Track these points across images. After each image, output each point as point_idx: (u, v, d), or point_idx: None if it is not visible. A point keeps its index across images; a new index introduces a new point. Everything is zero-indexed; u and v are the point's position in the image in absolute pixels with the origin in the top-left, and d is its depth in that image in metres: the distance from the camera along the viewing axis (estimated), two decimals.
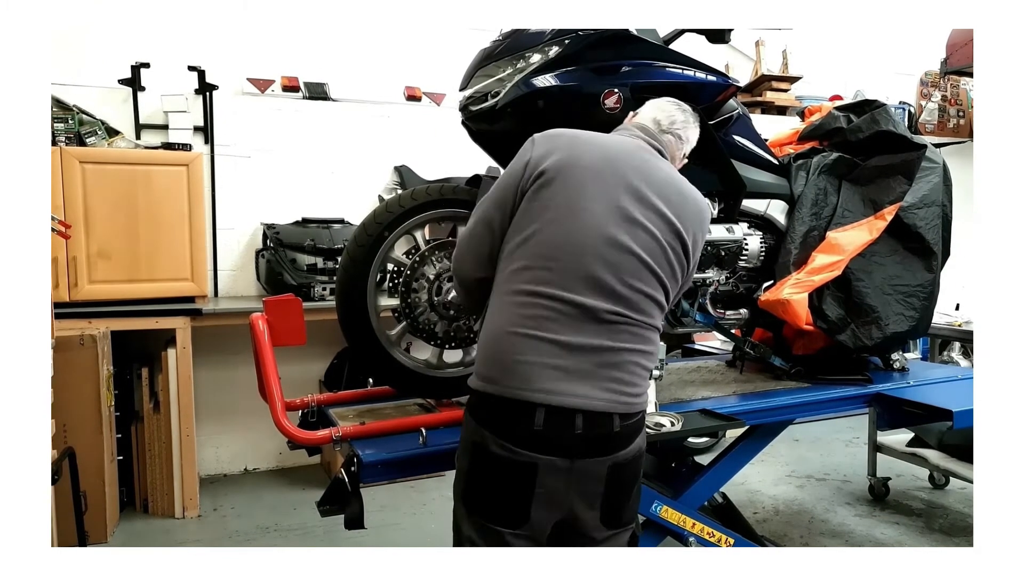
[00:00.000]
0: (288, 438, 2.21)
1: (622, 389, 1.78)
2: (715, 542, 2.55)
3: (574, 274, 1.75)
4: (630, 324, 1.79)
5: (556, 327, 1.74)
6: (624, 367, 1.78)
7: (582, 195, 1.79)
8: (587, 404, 1.73)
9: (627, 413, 1.80)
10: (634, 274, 1.78)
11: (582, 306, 1.74)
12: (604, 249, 1.76)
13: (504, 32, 2.47)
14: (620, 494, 1.85)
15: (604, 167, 1.83)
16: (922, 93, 6.59)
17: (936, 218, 2.83)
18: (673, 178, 1.92)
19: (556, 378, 1.72)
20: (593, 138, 1.91)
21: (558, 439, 1.73)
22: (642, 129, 2.01)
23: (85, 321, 3.62)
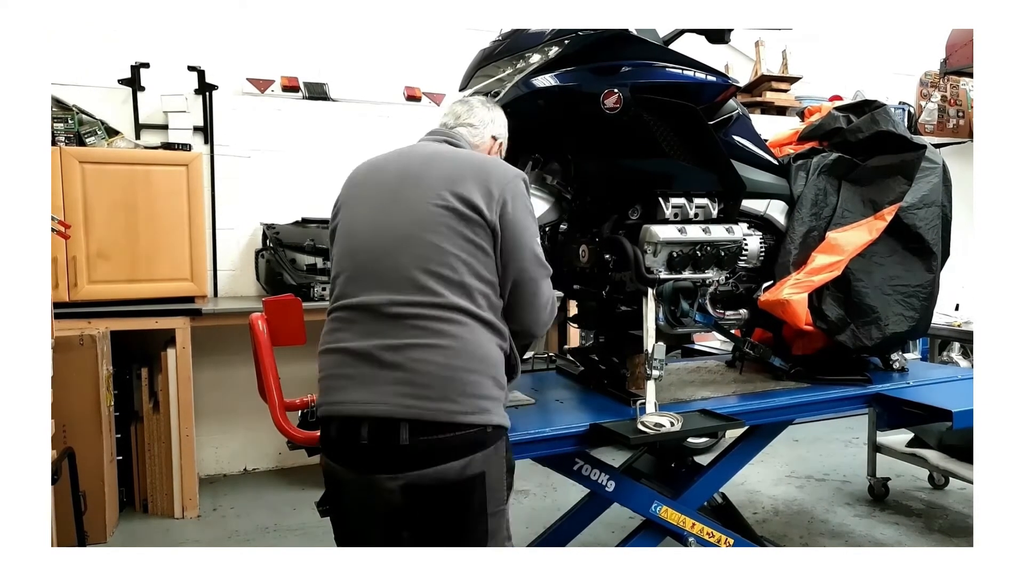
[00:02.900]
0: (288, 438, 2.20)
1: (411, 392, 1.61)
2: (715, 542, 2.55)
3: (353, 278, 1.77)
4: (418, 316, 1.64)
5: (345, 335, 1.74)
6: (410, 366, 1.62)
7: (352, 207, 1.86)
8: (369, 410, 1.64)
9: (419, 421, 1.60)
10: (403, 253, 1.68)
11: (362, 306, 1.72)
12: (369, 241, 1.76)
13: (504, 32, 2.47)
14: (429, 529, 1.66)
15: (370, 175, 1.89)
16: (922, 93, 6.59)
17: (936, 218, 2.82)
18: (442, 151, 1.88)
19: (344, 387, 1.71)
20: (370, 159, 1.97)
21: (347, 450, 1.70)
22: (431, 133, 2.04)
23: (85, 321, 3.62)
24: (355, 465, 1.69)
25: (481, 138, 2.05)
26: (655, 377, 2.33)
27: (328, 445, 1.78)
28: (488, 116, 2.07)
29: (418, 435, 1.60)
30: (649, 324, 2.39)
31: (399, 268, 1.69)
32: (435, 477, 1.61)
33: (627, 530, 2.77)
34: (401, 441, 1.60)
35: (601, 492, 2.48)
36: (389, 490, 1.63)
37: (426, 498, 1.63)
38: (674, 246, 2.50)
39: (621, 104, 2.30)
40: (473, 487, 1.64)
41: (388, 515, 1.68)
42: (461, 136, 2.00)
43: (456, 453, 1.62)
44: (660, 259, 2.49)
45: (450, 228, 1.69)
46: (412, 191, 1.77)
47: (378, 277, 1.71)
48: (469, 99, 2.11)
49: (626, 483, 2.51)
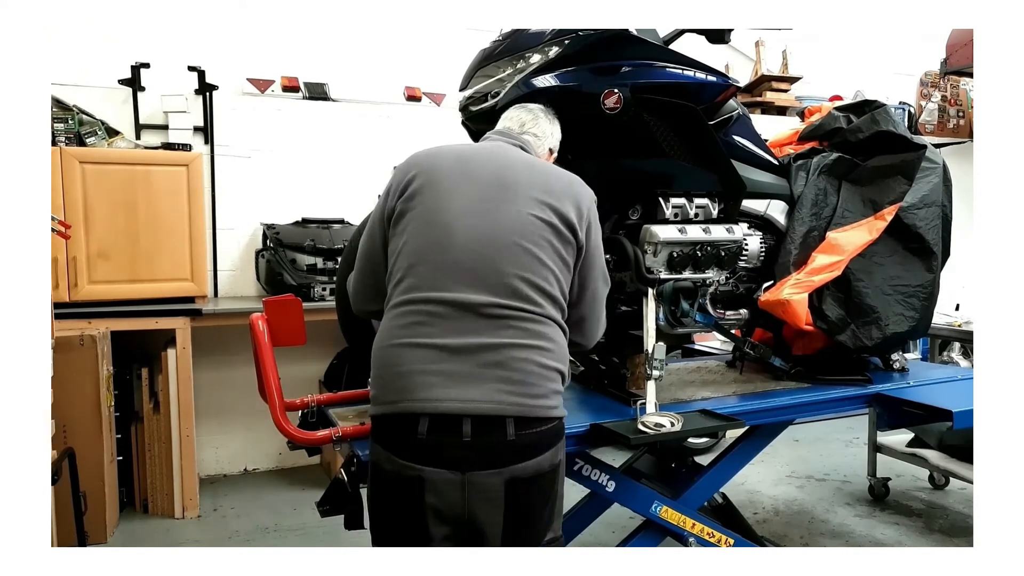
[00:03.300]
0: (288, 438, 2.20)
1: (514, 389, 1.65)
2: (715, 542, 2.55)
3: (442, 272, 1.70)
4: (514, 317, 1.68)
5: (432, 330, 1.67)
6: (512, 365, 1.66)
7: (440, 196, 1.77)
8: (472, 408, 1.63)
9: (524, 417, 1.66)
10: (502, 257, 1.70)
11: (456, 303, 1.67)
12: (469, 240, 1.71)
13: (504, 32, 2.48)
14: (523, 515, 1.72)
15: (459, 166, 1.82)
16: (922, 93, 6.59)
17: (936, 218, 2.82)
18: (535, 162, 1.90)
19: (437, 384, 1.64)
20: (449, 147, 1.92)
21: (445, 449, 1.64)
22: (500, 134, 2.03)
23: (85, 321, 3.62)
24: (452, 464, 1.64)
25: (543, 150, 2.07)
26: (655, 377, 2.33)
27: (410, 444, 1.66)
28: (549, 129, 2.10)
29: (522, 429, 1.66)
30: (649, 324, 2.39)
31: (501, 274, 1.69)
32: (534, 468, 1.69)
33: (627, 530, 2.78)
34: (508, 436, 1.65)
35: (601, 492, 2.48)
36: (492, 485, 1.66)
37: (526, 488, 1.70)
38: (674, 246, 2.50)
39: (621, 104, 2.30)
40: (558, 473, 1.78)
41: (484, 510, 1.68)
42: (529, 144, 2.00)
43: (548, 444, 1.72)
44: (660, 259, 2.49)
45: (548, 243, 1.75)
46: (513, 197, 1.76)
47: (477, 277, 1.69)
48: (532, 107, 2.11)
49: (626, 483, 2.51)
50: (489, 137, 2.03)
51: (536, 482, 1.71)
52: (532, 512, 1.74)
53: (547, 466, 1.72)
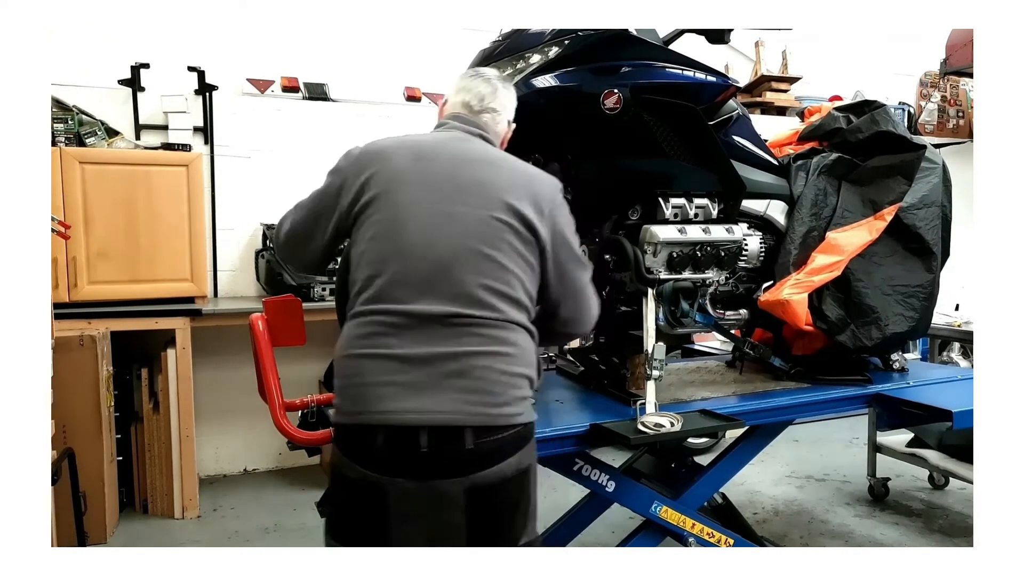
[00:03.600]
0: (288, 438, 2.20)
1: (474, 399, 1.63)
2: (715, 542, 2.55)
3: (401, 283, 1.67)
4: (474, 324, 1.66)
5: (391, 341, 1.65)
6: (473, 373, 1.64)
7: (398, 204, 1.72)
8: (429, 419, 1.61)
9: (485, 427, 1.64)
10: (461, 265, 1.67)
11: (414, 314, 1.65)
12: (425, 249, 1.68)
13: (504, 33, 2.48)
14: (490, 522, 1.70)
15: (416, 167, 1.76)
16: (921, 94, 6.59)
17: (936, 218, 2.83)
18: (491, 155, 1.84)
19: (393, 395, 1.62)
20: (404, 142, 1.84)
21: (403, 459, 1.62)
22: (455, 118, 1.93)
23: (84, 322, 3.62)
24: (411, 473, 1.63)
25: (502, 126, 1.98)
26: (655, 377, 2.33)
27: (369, 455, 1.66)
28: (508, 98, 2.00)
29: (482, 438, 1.64)
30: (649, 324, 2.39)
31: (462, 283, 1.67)
32: (497, 475, 1.66)
33: (627, 530, 2.77)
34: (467, 446, 1.62)
35: (601, 492, 2.48)
36: (452, 493, 1.65)
37: (489, 495, 1.67)
38: (674, 246, 2.50)
39: (621, 104, 2.30)
40: (527, 477, 1.74)
41: (446, 518, 1.67)
42: (487, 127, 1.93)
43: (511, 450, 1.69)
44: (660, 259, 2.49)
45: (510, 245, 1.71)
46: (471, 200, 1.72)
47: (437, 288, 1.66)
48: (490, 77, 1.99)
49: (626, 483, 2.51)
50: (447, 124, 1.94)
51: (500, 489, 1.68)
52: (500, 519, 1.72)
53: (511, 472, 1.69)
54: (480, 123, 1.93)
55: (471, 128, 1.91)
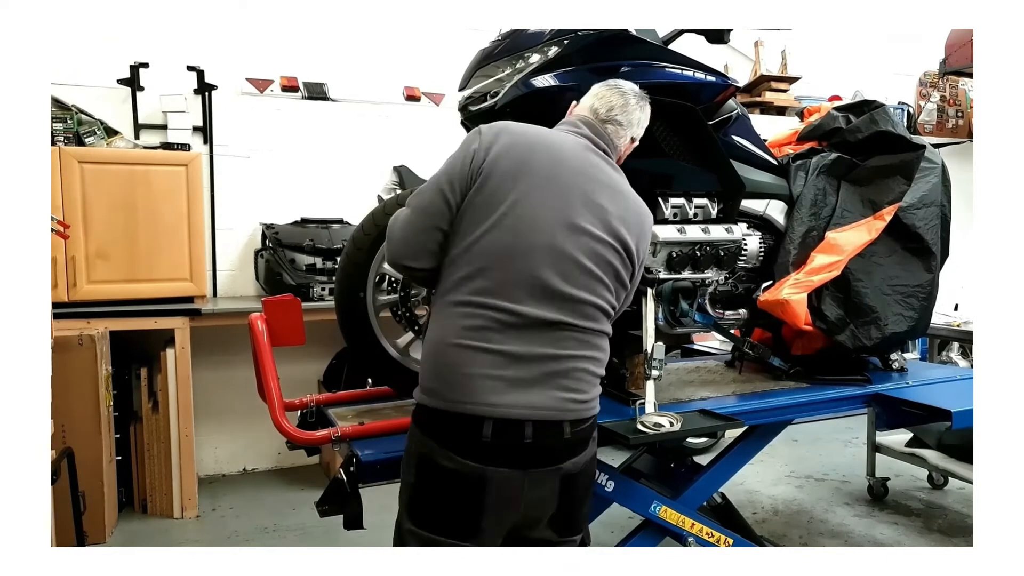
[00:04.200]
0: (287, 438, 2.21)
1: (571, 396, 1.75)
2: (714, 542, 2.55)
3: (517, 283, 1.71)
4: (575, 331, 1.76)
5: (499, 337, 1.71)
6: (571, 374, 1.76)
7: (527, 200, 1.74)
8: (535, 414, 1.71)
9: (577, 420, 1.77)
10: (578, 282, 1.75)
11: (525, 316, 1.71)
12: (548, 257, 1.73)
13: (503, 32, 2.48)
14: (573, 503, 1.83)
15: (550, 171, 1.78)
16: (921, 93, 6.59)
17: (935, 218, 2.83)
18: (616, 183, 1.89)
19: (501, 390, 1.69)
20: (541, 137, 1.85)
21: (508, 450, 1.70)
22: (584, 123, 1.94)
23: (84, 321, 3.62)
24: (514, 463, 1.71)
25: (623, 140, 1.99)
26: (654, 377, 2.33)
27: (474, 446, 1.70)
28: (636, 117, 2.00)
29: (575, 428, 1.78)
30: (648, 324, 2.39)
31: (573, 298, 1.75)
32: (581, 462, 1.81)
33: (626, 530, 2.78)
34: (565, 435, 1.75)
35: (600, 492, 2.47)
36: (550, 480, 1.76)
37: (577, 478, 1.81)
38: (673, 246, 2.50)
39: None
40: (595, 461, 1.91)
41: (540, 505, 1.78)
42: (610, 136, 1.94)
43: (590, 438, 1.85)
44: (659, 259, 2.49)
45: (613, 269, 1.82)
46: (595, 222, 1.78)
47: (550, 297, 1.73)
48: (625, 90, 1.99)
49: (625, 483, 2.51)
50: (576, 126, 1.94)
51: (583, 473, 1.83)
52: (581, 504, 1.87)
53: (590, 456, 1.86)
54: (603, 133, 1.94)
55: (596, 139, 1.92)
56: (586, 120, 1.95)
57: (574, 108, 2.03)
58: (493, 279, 1.72)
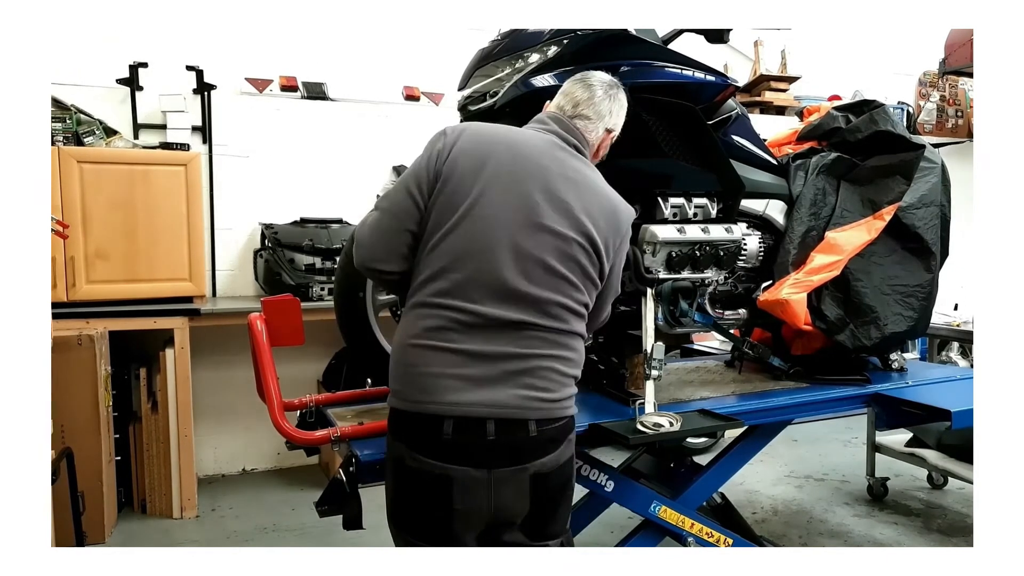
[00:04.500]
0: (286, 438, 2.20)
1: (536, 395, 1.72)
2: (714, 542, 2.55)
3: (477, 284, 1.70)
4: (541, 331, 1.73)
5: (460, 337, 1.70)
6: (536, 373, 1.73)
7: (486, 200, 1.73)
8: (496, 412, 1.68)
9: (544, 419, 1.74)
10: (542, 281, 1.73)
11: (486, 316, 1.70)
12: (509, 257, 1.71)
13: (503, 32, 2.48)
14: (547, 506, 1.79)
15: (511, 169, 1.76)
16: (920, 93, 6.59)
17: (935, 218, 2.83)
18: (585, 177, 1.84)
19: (461, 388, 1.69)
20: (503, 136, 1.83)
21: (470, 448, 1.69)
22: (553, 119, 1.92)
23: (83, 321, 3.61)
24: (478, 462, 1.69)
25: (595, 134, 1.96)
26: (654, 377, 2.33)
27: (436, 445, 1.70)
28: (606, 108, 1.96)
29: (542, 426, 1.74)
30: (648, 324, 2.39)
31: (537, 299, 1.72)
32: (552, 463, 1.77)
33: (626, 530, 2.78)
34: (530, 433, 1.72)
35: (600, 492, 2.48)
36: (518, 479, 1.73)
37: (549, 479, 1.77)
38: (673, 246, 2.50)
39: None
40: (571, 463, 1.87)
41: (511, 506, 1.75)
42: (580, 131, 1.92)
43: (563, 439, 1.80)
44: (659, 259, 2.49)
45: (581, 267, 1.79)
46: (559, 219, 1.75)
47: (513, 296, 1.71)
48: (592, 83, 1.96)
49: (625, 483, 2.51)
50: (544, 123, 1.92)
51: (559, 472, 1.79)
52: (558, 505, 1.83)
53: (565, 458, 1.81)
54: (573, 128, 1.92)
55: (566, 135, 1.90)
56: (554, 116, 1.93)
57: (547, 106, 2.01)
58: (454, 280, 1.71)
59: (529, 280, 1.72)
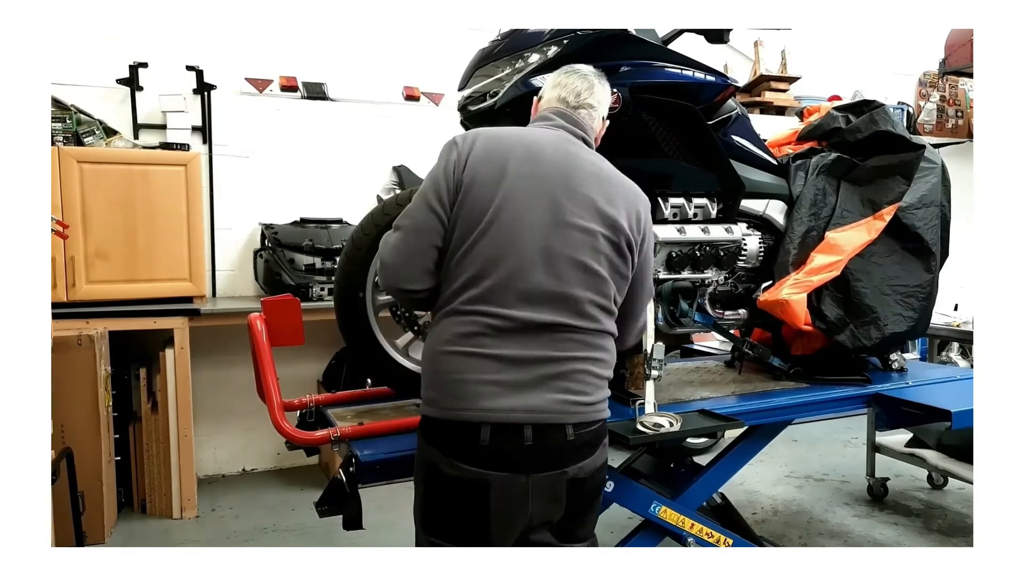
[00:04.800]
0: (286, 438, 2.20)
1: (572, 399, 1.72)
2: (714, 542, 2.55)
3: (508, 288, 1.69)
4: (574, 332, 1.73)
5: (493, 342, 1.69)
6: (572, 376, 1.72)
7: (511, 204, 1.72)
8: (534, 417, 1.68)
9: (581, 423, 1.74)
10: (573, 280, 1.72)
11: (519, 320, 1.69)
12: (539, 259, 1.70)
13: (503, 32, 2.48)
14: (581, 510, 1.80)
15: (531, 171, 1.75)
16: (920, 93, 6.59)
17: (935, 218, 2.83)
18: (600, 169, 1.84)
19: (498, 394, 1.68)
20: (517, 138, 1.82)
21: (508, 454, 1.68)
22: (558, 114, 1.91)
23: (83, 321, 3.61)
24: (516, 467, 1.69)
25: (597, 121, 1.96)
26: (654, 377, 2.33)
27: (473, 451, 1.69)
28: (604, 95, 1.97)
29: (579, 430, 1.74)
30: (648, 324, 2.38)
31: (569, 298, 1.72)
32: (589, 467, 1.78)
33: (626, 530, 2.77)
34: (568, 437, 1.72)
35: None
36: (555, 484, 1.73)
37: (584, 484, 1.78)
38: (673, 246, 2.50)
39: (620, 104, 2.29)
40: (605, 467, 1.88)
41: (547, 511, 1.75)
42: (585, 124, 1.91)
43: (598, 443, 1.81)
44: (659, 259, 2.49)
45: (609, 260, 1.77)
46: (582, 213, 1.74)
47: (544, 298, 1.70)
48: (586, 73, 1.96)
49: (625, 483, 2.51)
50: (549, 119, 1.90)
51: (593, 478, 1.80)
52: (590, 507, 1.84)
53: (600, 462, 1.82)
54: (579, 120, 1.91)
55: (573, 128, 1.89)
56: (558, 111, 1.92)
57: (538, 104, 2.00)
58: (485, 287, 1.70)
59: (561, 280, 1.71)
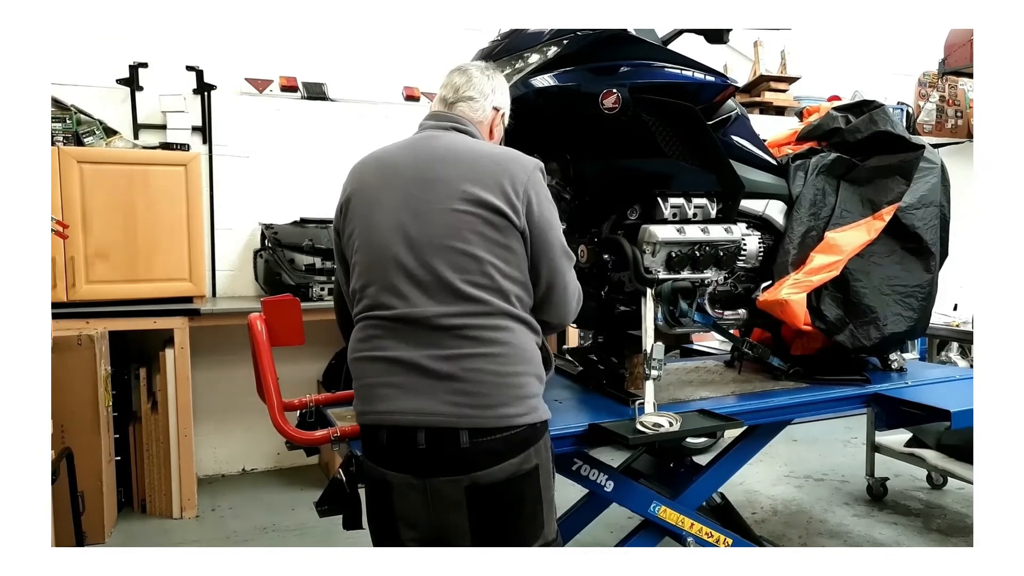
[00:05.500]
0: (286, 438, 2.20)
1: (465, 400, 1.65)
2: (713, 542, 2.55)
3: (388, 290, 1.73)
4: (464, 325, 1.67)
5: (388, 343, 1.72)
6: (464, 376, 1.66)
7: (371, 213, 1.79)
8: (425, 420, 1.66)
9: (479, 428, 1.66)
10: (441, 264, 1.68)
11: (405, 318, 1.70)
12: (403, 251, 1.71)
13: (503, 32, 2.48)
14: (495, 522, 1.71)
15: (382, 175, 1.82)
16: (920, 93, 6.59)
17: (934, 218, 2.83)
18: (458, 150, 1.79)
19: (393, 396, 1.70)
20: (375, 154, 1.90)
21: (405, 456, 1.71)
22: (431, 116, 1.94)
23: (83, 321, 3.61)
24: (412, 470, 1.70)
25: (483, 112, 1.93)
26: (654, 377, 2.33)
27: (376, 451, 1.77)
28: (488, 86, 1.95)
29: (477, 438, 1.66)
30: (648, 324, 2.39)
31: (441, 282, 1.68)
32: (497, 475, 1.68)
33: (626, 530, 2.78)
34: (462, 445, 1.65)
35: (600, 492, 2.48)
36: (452, 491, 1.69)
37: (490, 495, 1.69)
38: (673, 246, 2.50)
39: (620, 104, 2.30)
40: (531, 479, 1.73)
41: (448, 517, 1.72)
42: (463, 116, 1.90)
43: (514, 451, 1.69)
44: (659, 259, 2.49)
45: (480, 235, 1.70)
46: (434, 197, 1.72)
47: (419, 290, 1.69)
48: (467, 68, 1.98)
49: (625, 483, 2.51)
50: (422, 125, 1.94)
51: (502, 488, 1.69)
52: (504, 520, 1.73)
53: (512, 471, 1.69)
54: (454, 115, 1.91)
55: (443, 123, 1.90)
56: (432, 113, 1.96)
57: None
58: (370, 294, 1.77)
59: (429, 268, 1.69)
